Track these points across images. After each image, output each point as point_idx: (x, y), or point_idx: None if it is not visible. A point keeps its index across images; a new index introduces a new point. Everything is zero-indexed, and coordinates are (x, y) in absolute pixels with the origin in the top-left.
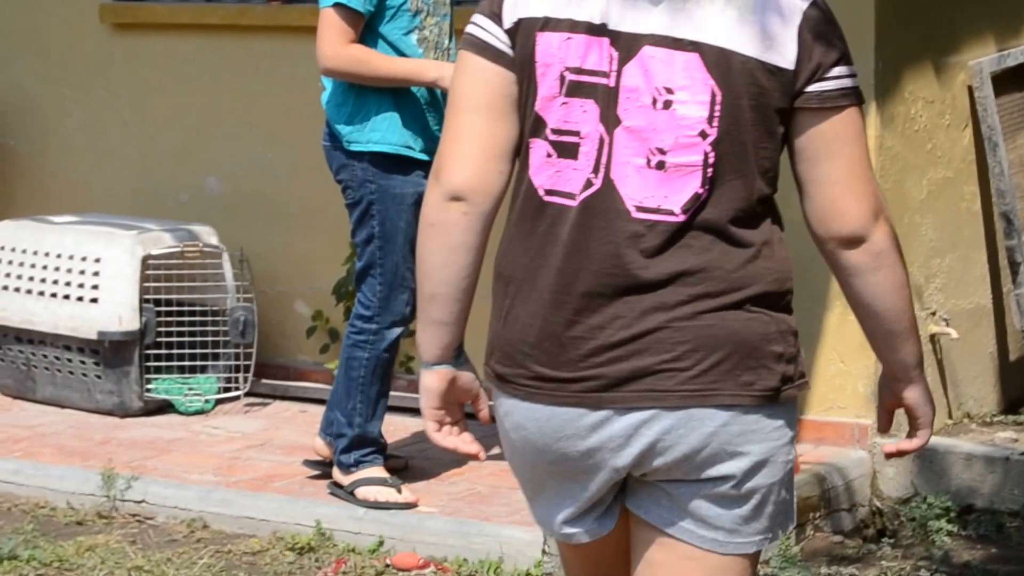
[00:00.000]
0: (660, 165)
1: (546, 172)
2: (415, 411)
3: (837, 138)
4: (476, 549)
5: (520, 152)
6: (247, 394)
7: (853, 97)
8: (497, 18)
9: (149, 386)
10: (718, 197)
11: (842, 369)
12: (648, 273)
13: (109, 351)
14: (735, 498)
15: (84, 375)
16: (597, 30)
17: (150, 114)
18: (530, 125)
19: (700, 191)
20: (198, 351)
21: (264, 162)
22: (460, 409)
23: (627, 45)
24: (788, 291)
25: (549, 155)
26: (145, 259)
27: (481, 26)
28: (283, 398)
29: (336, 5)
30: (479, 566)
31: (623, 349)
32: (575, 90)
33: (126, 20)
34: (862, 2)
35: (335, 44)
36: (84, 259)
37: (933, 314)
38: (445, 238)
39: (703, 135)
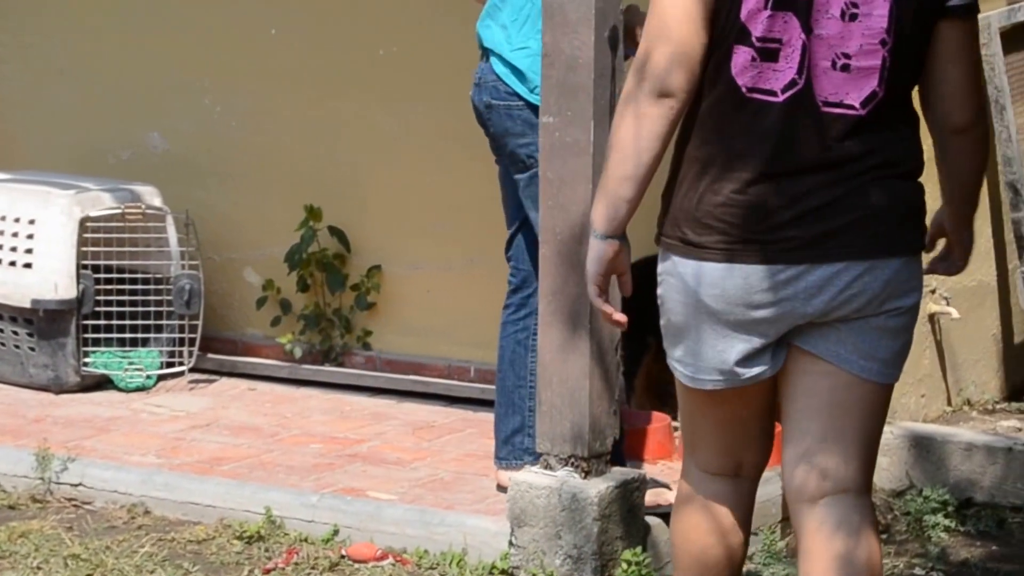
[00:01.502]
0: (845, 67)
1: (749, 73)
2: (373, 390)
3: (963, 45)
4: (438, 540)
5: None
6: (192, 369)
7: (976, 11)
8: None
9: (87, 360)
10: (889, 93)
11: None
12: (835, 154)
13: (44, 321)
14: (896, 332)
15: (16, 347)
16: None
17: (88, 62)
18: (735, 33)
19: (877, 89)
20: (139, 322)
21: (212, 117)
22: (609, 280)
23: None
24: (923, 164)
25: (753, 59)
26: (83, 221)
27: None
28: (230, 374)
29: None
30: (441, 558)
31: (819, 213)
32: (779, 3)
33: None
34: None
35: None
36: (17, 220)
37: (932, 292)
38: (653, 126)
39: (883, 43)
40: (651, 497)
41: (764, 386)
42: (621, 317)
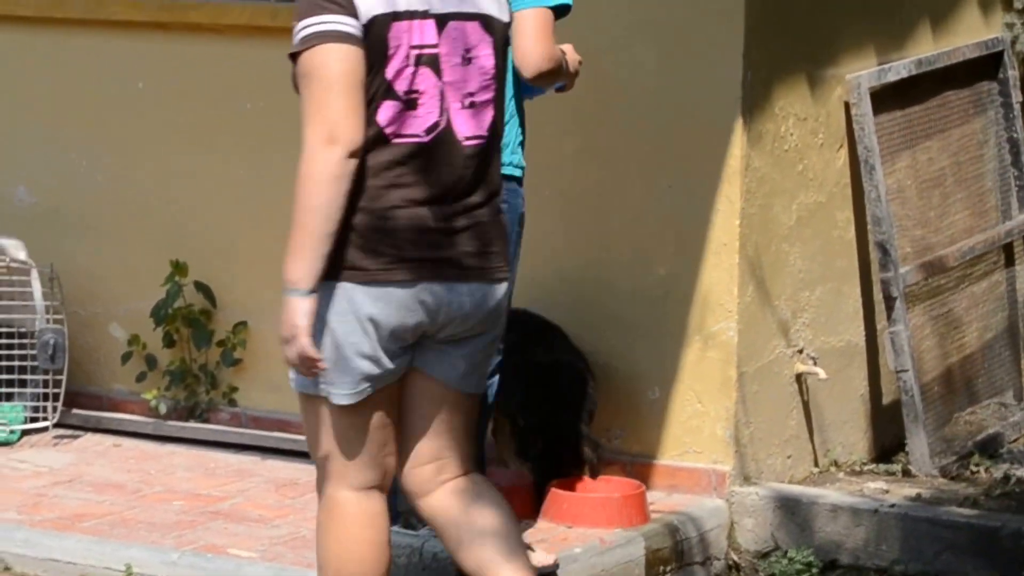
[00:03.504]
0: (471, 104)
1: (395, 123)
2: (238, 446)
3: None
4: None
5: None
6: (56, 424)
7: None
8: (353, 15)
9: None
10: (499, 119)
11: (699, 410)
12: (478, 179)
13: None
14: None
15: None
16: (423, 15)
17: None
18: (382, 90)
19: (495, 117)
20: (3, 377)
21: (78, 170)
22: None
23: (441, 21)
24: None
25: (399, 110)
26: None
27: (341, 21)
28: (95, 430)
29: (552, 7)
30: None
31: (467, 233)
32: (418, 60)
33: None
34: (731, 7)
35: (551, 44)
36: None
37: (800, 352)
38: (340, 187)
39: (494, 78)
40: None
41: (395, 393)
42: (324, 364)
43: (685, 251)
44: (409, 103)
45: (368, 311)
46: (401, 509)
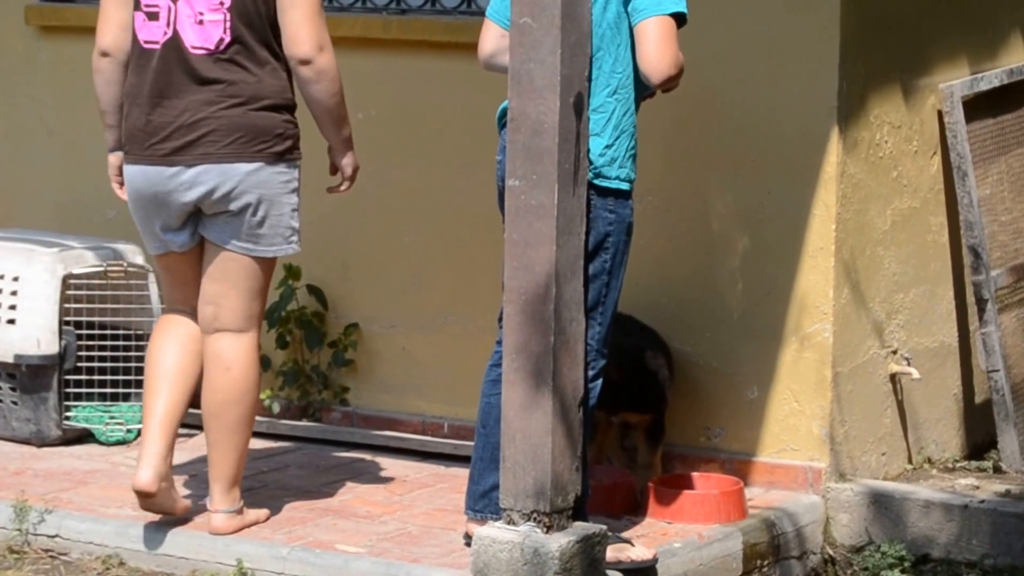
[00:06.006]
0: (200, 22)
1: (144, 31)
2: (349, 445)
3: (292, 3)
4: None
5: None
6: None
7: None
8: None
9: (68, 414)
10: (236, 40)
11: (796, 409)
12: (200, 84)
13: (26, 376)
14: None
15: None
16: None
17: (77, 123)
18: (134, 4)
19: (224, 36)
20: (120, 377)
21: None
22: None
23: None
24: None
25: (144, 20)
26: (66, 278)
27: None
28: None
29: (675, 14)
30: None
31: (191, 127)
32: None
33: (53, 23)
34: (827, 18)
35: (676, 50)
36: (1, 277)
37: (894, 352)
38: (102, 76)
39: (222, 4)
40: (612, 552)
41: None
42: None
43: (783, 255)
44: (151, 15)
45: None
46: (504, 506)
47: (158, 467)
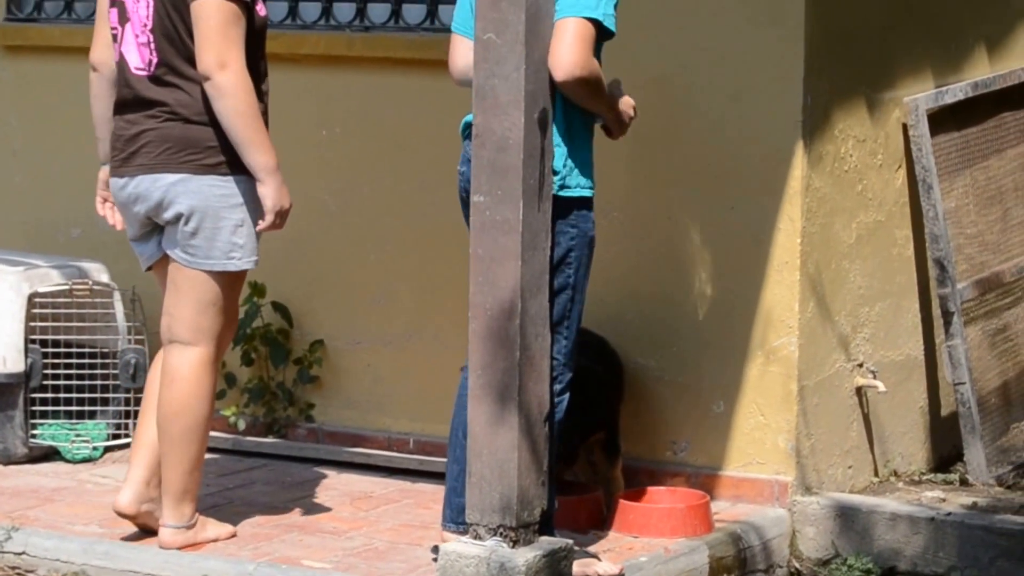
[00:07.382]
0: (140, 44)
1: (115, 50)
2: (314, 461)
3: (199, 16)
4: None
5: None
6: None
7: None
8: None
9: (34, 432)
10: (163, 61)
11: (762, 423)
12: (141, 101)
13: None
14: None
15: None
16: None
17: (42, 143)
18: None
19: (152, 57)
20: (87, 395)
21: None
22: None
23: None
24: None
25: (114, 40)
26: (31, 297)
27: None
28: None
29: (593, 20)
30: None
31: (132, 140)
32: (112, 2)
33: (17, 42)
34: (791, 33)
35: (587, 53)
36: None
37: (860, 365)
38: (91, 89)
39: (145, 27)
40: (579, 567)
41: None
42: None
43: (748, 270)
44: (114, 36)
45: None
46: (470, 521)
47: (138, 491)
